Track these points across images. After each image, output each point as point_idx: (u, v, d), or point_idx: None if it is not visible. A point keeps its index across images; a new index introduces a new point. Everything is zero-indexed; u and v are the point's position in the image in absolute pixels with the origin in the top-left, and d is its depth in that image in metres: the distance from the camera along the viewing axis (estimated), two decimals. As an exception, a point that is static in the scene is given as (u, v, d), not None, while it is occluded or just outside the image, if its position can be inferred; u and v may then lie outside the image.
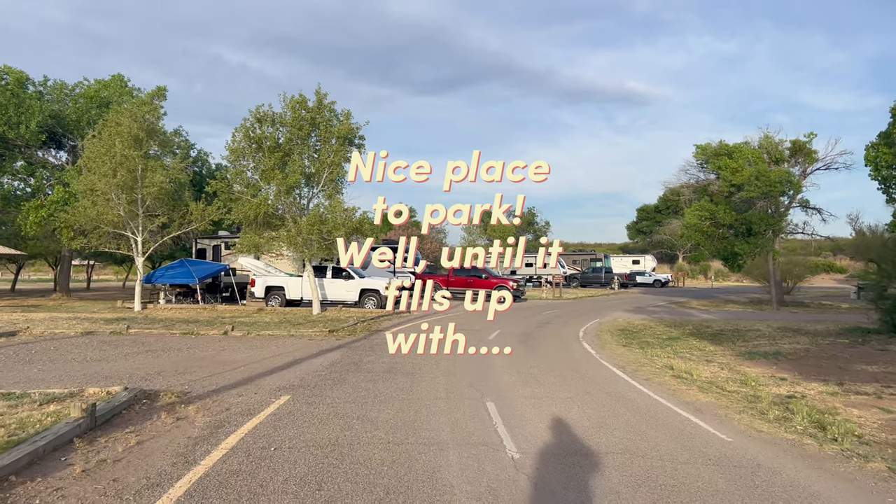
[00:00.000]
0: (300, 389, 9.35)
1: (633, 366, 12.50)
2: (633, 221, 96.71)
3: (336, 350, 13.89)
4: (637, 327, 21.11)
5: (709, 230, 32.06)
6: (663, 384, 10.48)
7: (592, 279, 55.16)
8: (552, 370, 11.61)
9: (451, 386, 9.82)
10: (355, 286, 26.23)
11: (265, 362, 12.03)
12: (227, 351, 13.71)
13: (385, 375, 10.62)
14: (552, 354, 13.95)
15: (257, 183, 24.27)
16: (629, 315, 26.02)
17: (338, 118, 24.29)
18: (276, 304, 26.62)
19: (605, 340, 17.31)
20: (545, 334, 18.15)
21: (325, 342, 15.40)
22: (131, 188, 25.08)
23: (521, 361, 12.68)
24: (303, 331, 17.55)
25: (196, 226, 26.79)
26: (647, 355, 14.24)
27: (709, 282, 68.28)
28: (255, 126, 23.85)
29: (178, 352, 13.45)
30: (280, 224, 24.53)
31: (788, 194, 30.73)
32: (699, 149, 36.20)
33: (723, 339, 17.56)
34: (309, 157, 24.37)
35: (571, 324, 21.81)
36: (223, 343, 15.12)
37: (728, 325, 22.04)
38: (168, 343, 14.98)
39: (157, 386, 9.47)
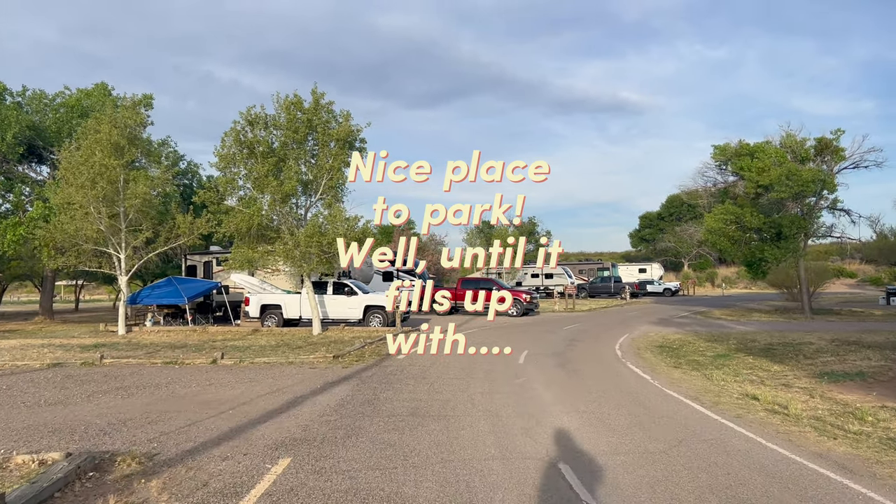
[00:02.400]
0: (304, 446, 7.13)
1: (707, 396, 10.31)
2: (636, 229, 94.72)
3: (344, 382, 11.65)
4: (674, 342, 18.95)
5: (734, 235, 29.91)
6: (763, 424, 8.28)
7: (601, 289, 52.91)
8: (616, 406, 9.40)
9: (500, 436, 7.58)
10: (359, 303, 23.95)
11: (259, 402, 9.80)
12: (213, 386, 11.47)
13: (410, 421, 8.37)
14: (601, 381, 11.75)
15: (250, 192, 22.09)
16: (658, 328, 23.83)
17: (336, 120, 22.16)
18: (272, 324, 24.35)
19: (650, 360, 15.13)
20: (580, 354, 15.94)
21: (329, 371, 13.16)
22: (112, 201, 22.90)
23: (569, 392, 10.49)
24: (303, 356, 15.30)
25: (184, 240, 24.54)
26: (710, 379, 12.06)
27: (718, 290, 66.13)
28: (246, 129, 21.67)
29: (156, 389, 11.21)
30: (275, 236, 22.33)
31: (821, 194, 28.59)
32: (718, 149, 34.13)
33: (780, 357, 15.40)
34: (306, 162, 22.20)
35: (602, 340, 19.62)
36: (210, 375, 12.88)
37: (772, 338, 19.87)
38: (146, 376, 12.74)
39: (116, 444, 7.25)
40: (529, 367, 13.59)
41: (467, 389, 10.61)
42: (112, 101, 31.72)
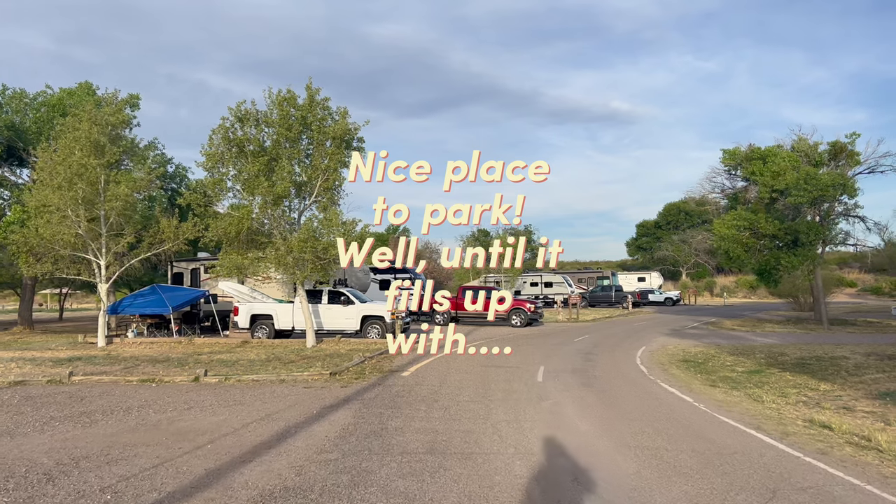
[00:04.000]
0: (299, 499, 5.61)
1: (768, 424, 8.83)
2: (633, 238, 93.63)
3: (344, 406, 10.10)
4: (697, 356, 17.53)
5: (748, 242, 28.52)
6: (859, 464, 6.81)
7: (601, 298, 51.48)
8: (670, 438, 7.90)
9: (547, 487, 6.00)
10: (356, 312, 22.36)
11: (244, 433, 8.25)
12: (193, 410, 9.92)
13: (429, 461, 6.81)
14: (637, 404, 10.26)
15: (240, 193, 20.54)
16: (674, 340, 22.40)
17: (332, 117, 20.65)
18: (263, 335, 22.74)
19: (679, 377, 13.69)
20: (602, 371, 14.46)
21: (326, 391, 11.61)
22: (92, 203, 21.33)
23: (608, 420, 9.00)
24: (296, 373, 13.74)
25: (169, 246, 22.97)
26: (760, 402, 10.61)
27: (719, 299, 64.90)
28: (235, 126, 20.12)
29: (125, 414, 9.65)
30: (267, 242, 20.79)
31: (840, 199, 27.28)
32: (727, 154, 32.83)
33: (819, 373, 14.02)
34: (300, 162, 20.68)
35: (618, 353, 18.16)
36: (191, 395, 11.32)
37: (800, 351, 18.49)
38: (116, 397, 11.16)
39: (58, 497, 5.71)
40: (551, 386, 12.08)
41: (489, 416, 9.10)
42: (96, 101, 30.18)
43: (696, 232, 76.53)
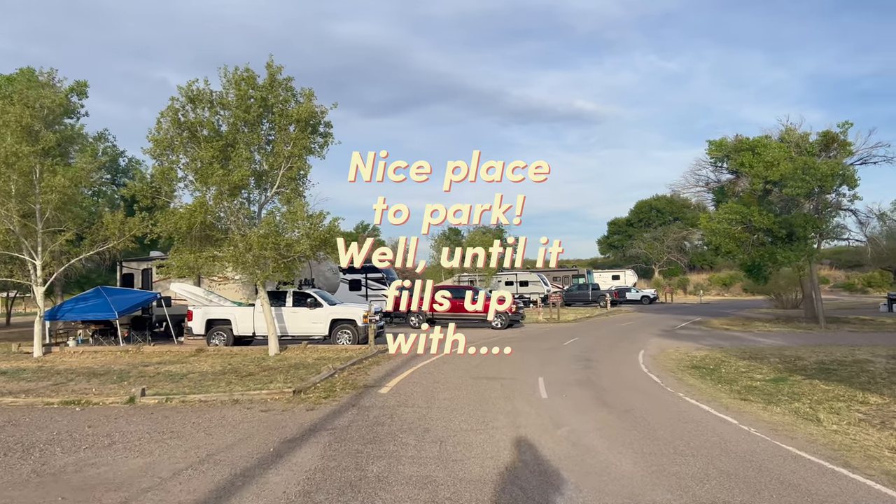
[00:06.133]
0: None
1: (855, 457, 6.97)
2: (605, 236, 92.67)
3: (309, 440, 7.95)
4: (705, 361, 15.80)
5: (741, 236, 27.02)
6: None
7: (578, 297, 49.93)
8: (738, 479, 5.97)
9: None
10: (325, 316, 20.13)
11: (171, 488, 6.10)
12: (115, 448, 7.72)
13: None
14: (670, 427, 8.35)
15: (192, 184, 18.24)
16: (670, 342, 20.70)
17: (296, 99, 18.47)
18: (220, 342, 20.40)
19: (698, 387, 11.90)
20: (609, 380, 12.57)
21: (288, 417, 9.46)
22: (25, 196, 18.86)
23: (647, 453, 7.07)
24: (253, 391, 11.54)
25: (114, 243, 20.53)
26: (815, 422, 8.80)
27: (695, 297, 63.94)
28: (186, 108, 17.82)
29: (22, 455, 7.41)
30: (223, 238, 18.54)
31: (839, 190, 25.91)
32: (714, 145, 31.44)
33: (854, 381, 12.43)
34: (260, 149, 18.44)
35: (618, 358, 16.36)
36: (118, 424, 9.09)
37: (815, 354, 16.92)
38: (23, 429, 8.88)
39: None
40: (560, 405, 10.11)
41: (499, 454, 7.06)
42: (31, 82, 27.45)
43: (669, 229, 75.92)
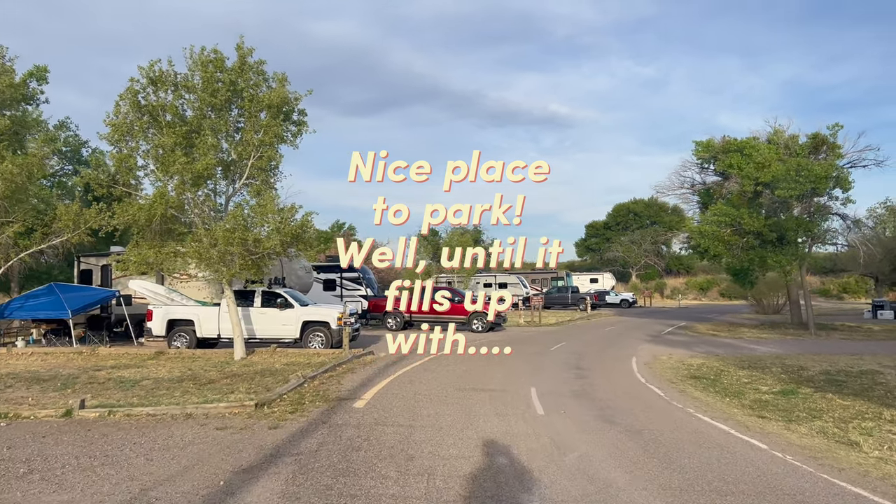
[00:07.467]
0: None
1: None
2: (582, 238, 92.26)
3: (269, 471, 6.63)
4: (703, 370, 14.81)
5: (730, 239, 26.17)
6: None
7: (557, 299, 48.88)
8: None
9: None
10: (295, 318, 18.73)
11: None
12: (30, 478, 6.35)
13: None
14: (698, 455, 7.21)
15: (153, 173, 16.77)
16: (661, 349, 19.69)
17: (268, 83, 17.12)
18: (182, 344, 18.89)
19: (707, 402, 10.85)
20: (606, 392, 11.43)
21: (247, 437, 8.13)
22: (-32, 184, 17.31)
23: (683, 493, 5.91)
24: (211, 402, 10.18)
25: (68, 236, 19.00)
26: (853, 446, 7.77)
27: (672, 301, 63.57)
28: (147, 90, 16.37)
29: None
30: (186, 232, 17.10)
31: (832, 193, 25.16)
32: (700, 146, 30.66)
33: (870, 395, 11.64)
34: (228, 136, 17.05)
35: (610, 366, 15.30)
36: (44, 445, 7.70)
37: (817, 363, 16.04)
38: (-71, 450, 7.47)
39: None
40: (560, 424, 8.90)
41: (500, 494, 5.81)
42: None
43: (647, 232, 75.61)
